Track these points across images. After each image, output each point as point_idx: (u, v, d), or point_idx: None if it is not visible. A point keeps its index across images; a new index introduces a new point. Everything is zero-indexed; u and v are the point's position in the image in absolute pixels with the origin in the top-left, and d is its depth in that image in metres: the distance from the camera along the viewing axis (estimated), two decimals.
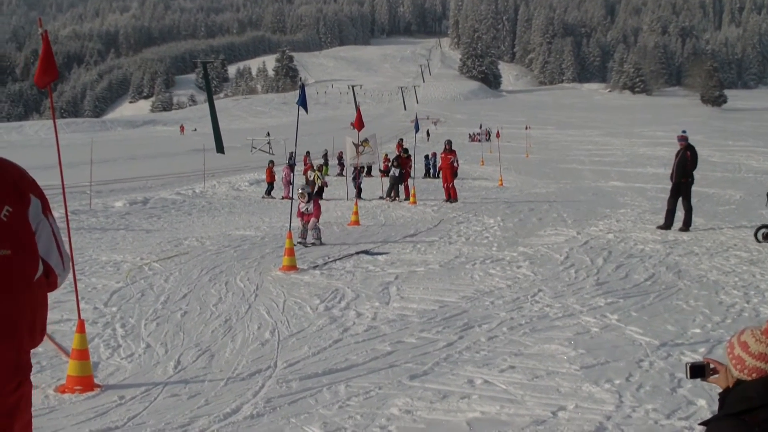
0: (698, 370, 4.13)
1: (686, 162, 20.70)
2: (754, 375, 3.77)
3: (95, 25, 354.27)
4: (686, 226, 20.31)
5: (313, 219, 19.05)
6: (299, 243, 18.39)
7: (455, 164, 30.72)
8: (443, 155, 31.59)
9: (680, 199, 20.66)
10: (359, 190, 32.35)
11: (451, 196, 29.85)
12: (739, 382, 3.88)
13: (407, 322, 10.92)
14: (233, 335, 10.36)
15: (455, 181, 30.63)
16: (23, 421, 3.37)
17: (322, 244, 18.87)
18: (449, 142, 32.50)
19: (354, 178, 32.55)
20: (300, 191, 19.57)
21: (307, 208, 19.24)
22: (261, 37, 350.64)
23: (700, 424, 4.12)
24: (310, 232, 19.00)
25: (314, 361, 9.16)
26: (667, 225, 20.48)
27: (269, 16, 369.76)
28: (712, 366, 4.16)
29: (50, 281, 3.50)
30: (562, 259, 15.92)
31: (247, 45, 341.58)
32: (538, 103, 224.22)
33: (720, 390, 4.11)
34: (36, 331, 3.40)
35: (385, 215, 25.70)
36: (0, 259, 3.20)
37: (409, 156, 32.99)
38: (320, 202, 22.84)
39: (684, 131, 22.25)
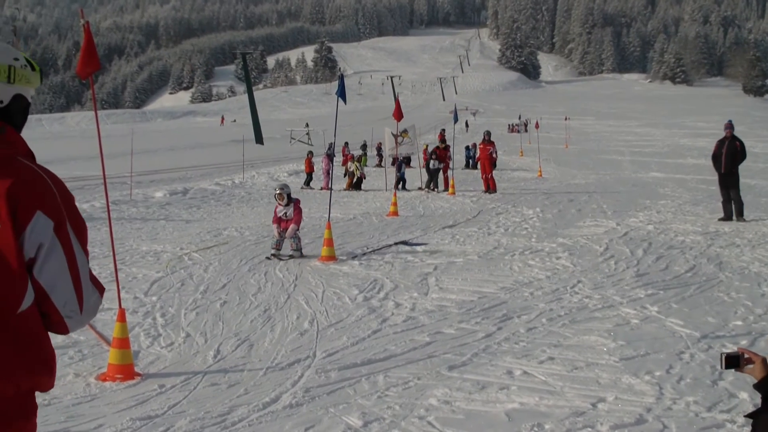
0: (733, 360, 4.09)
1: (736, 152, 20.42)
2: None
3: (135, 16, 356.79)
4: (739, 215, 20.06)
5: (293, 226, 15.55)
6: (272, 257, 15.39)
7: (494, 155, 30.69)
8: (482, 146, 31.56)
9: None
10: (403, 181, 32.38)
11: (490, 186, 29.80)
12: None
13: (446, 313, 10.91)
14: (272, 325, 10.39)
15: (494, 172, 30.56)
16: None
17: (302, 256, 15.55)
18: (488, 133, 32.47)
19: (398, 169, 32.62)
20: (277, 191, 16.12)
21: (285, 213, 15.85)
22: (300, 28, 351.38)
23: (746, 416, 4.07)
24: (288, 242, 15.66)
25: (353, 351, 9.17)
26: (728, 216, 20.22)
27: (308, 6, 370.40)
28: (746, 356, 4.12)
29: (52, 321, 3.05)
30: (601, 251, 15.83)
31: (286, 36, 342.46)
32: (577, 93, 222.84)
33: (755, 381, 4.07)
34: (32, 371, 2.97)
35: (423, 206, 25.69)
36: None
37: (448, 147, 32.92)
38: (357, 192, 22.56)
39: (730, 120, 21.99)
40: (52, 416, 7.01)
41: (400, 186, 31.71)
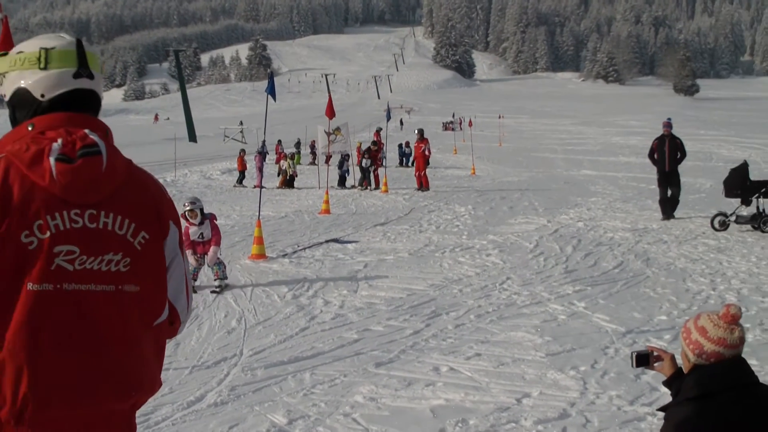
0: (643, 359, 4.15)
1: (677, 149, 20.66)
2: (712, 359, 3.79)
3: (66, 12, 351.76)
4: (672, 212, 20.33)
5: (213, 248, 12.36)
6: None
7: (426, 152, 30.79)
8: (416, 144, 31.68)
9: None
10: (343, 179, 32.43)
11: (423, 184, 29.87)
12: (695, 368, 3.89)
13: (375, 310, 10.90)
14: (200, 323, 10.29)
15: (427, 170, 30.66)
16: None
17: (226, 286, 12.37)
18: (421, 131, 32.57)
19: (339, 166, 32.67)
20: (187, 207, 12.34)
21: (201, 234, 12.49)
22: (234, 25, 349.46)
23: (658, 409, 4.13)
24: (213, 269, 12.46)
25: (280, 349, 9.12)
26: (667, 214, 20.42)
27: (242, 4, 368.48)
28: (656, 354, 4.18)
29: (173, 328, 3.04)
30: (531, 247, 15.95)
31: (220, 33, 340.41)
32: (511, 92, 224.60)
33: (664, 378, 4.13)
34: (144, 386, 2.90)
35: (356, 204, 25.68)
36: (124, 297, 2.76)
37: (381, 147, 32.96)
38: (290, 190, 22.27)
39: (669, 119, 22.23)
40: None
41: (339, 183, 31.82)
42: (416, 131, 33.16)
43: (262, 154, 31.76)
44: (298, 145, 48.67)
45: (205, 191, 30.27)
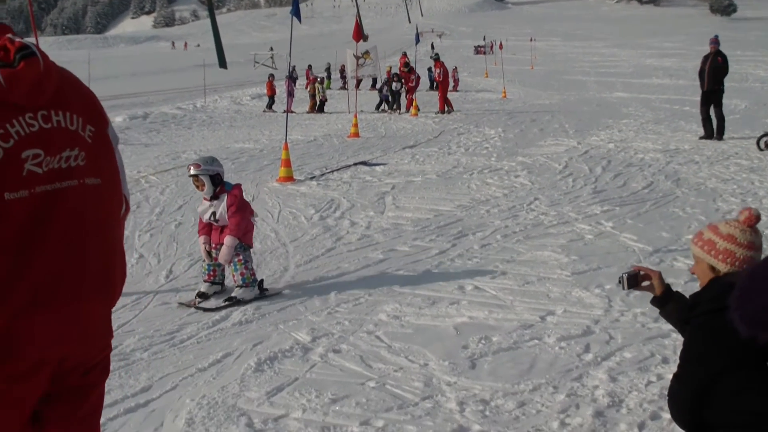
0: (633, 280, 4.11)
1: (718, 68, 20.21)
2: (745, 265, 3.76)
3: None
4: (720, 134, 19.97)
5: (228, 240, 8.18)
6: (193, 304, 8.05)
7: (436, 77, 31.26)
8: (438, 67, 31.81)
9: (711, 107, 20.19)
10: (386, 101, 32.26)
11: (440, 107, 29.99)
12: (716, 278, 3.86)
13: (401, 231, 10.90)
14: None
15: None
16: (102, 389, 3.08)
17: (263, 293, 8.27)
18: (436, 54, 32.82)
19: (380, 90, 32.56)
20: (192, 172, 8.38)
21: (213, 214, 8.39)
22: None
23: (683, 319, 4.07)
24: (229, 269, 8.40)
25: (306, 269, 9.16)
26: (708, 134, 20.07)
27: None
28: (642, 273, 4.15)
29: (125, 215, 3.10)
30: (560, 168, 15.84)
31: None
32: (543, 14, 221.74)
33: (652, 297, 4.11)
34: (123, 279, 3.03)
35: (385, 127, 25.60)
36: (86, 190, 2.79)
37: (412, 69, 32.73)
38: (320, 114, 21.91)
39: (716, 35, 21.68)
40: None
41: (384, 107, 31.72)
42: (431, 55, 33.18)
43: (291, 78, 31.64)
44: (328, 69, 48.41)
45: (235, 116, 30.27)
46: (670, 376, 3.95)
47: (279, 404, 5.54)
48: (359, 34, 25.40)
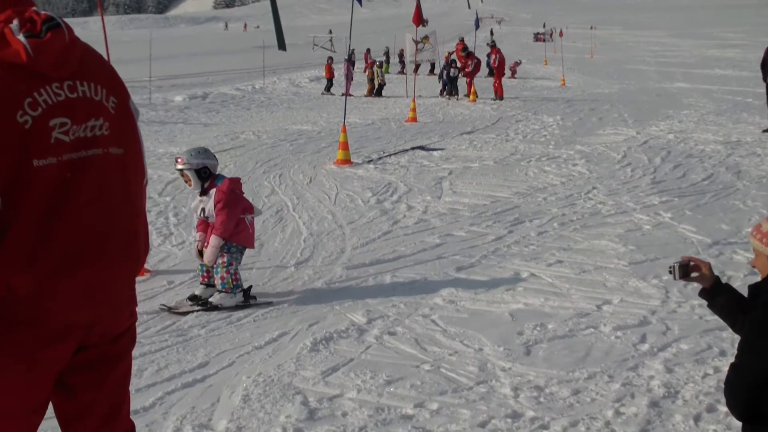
0: (684, 269, 4.07)
1: None
2: None
3: None
4: None
5: (212, 238, 7.43)
6: (171, 308, 7.35)
7: (493, 63, 31.34)
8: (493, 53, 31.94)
9: None
10: (448, 87, 32.15)
11: (500, 93, 29.93)
12: None
13: (458, 216, 10.90)
14: (283, 226, 10.43)
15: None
16: (130, 358, 3.18)
17: (248, 300, 7.49)
18: (493, 41, 32.86)
19: (440, 76, 32.56)
20: (178, 166, 7.70)
21: (204, 210, 7.66)
22: None
23: (747, 316, 4.01)
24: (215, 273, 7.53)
25: (362, 251, 9.20)
26: None
27: None
28: (693, 263, 4.11)
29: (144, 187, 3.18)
30: (619, 158, 15.71)
31: None
32: (604, 2, 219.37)
33: (700, 288, 4.07)
34: (147, 247, 3.12)
35: (443, 113, 25.57)
36: (111, 159, 2.87)
37: (470, 54, 32.63)
38: (377, 98, 21.89)
39: None
40: None
41: (446, 93, 31.65)
42: (488, 42, 33.13)
43: (350, 62, 31.70)
44: (386, 53, 48.37)
45: (293, 98, 30.40)
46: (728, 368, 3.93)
47: (334, 384, 5.58)
48: (419, 18, 25.32)
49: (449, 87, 31.72)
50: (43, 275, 2.65)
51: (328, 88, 33.59)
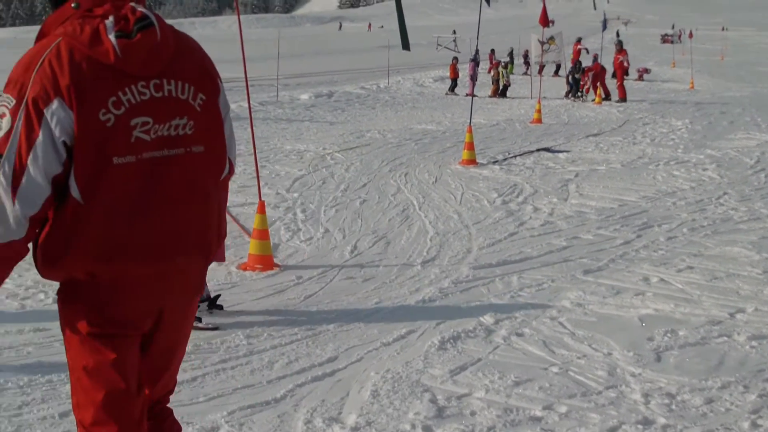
0: None
1: None
2: None
3: None
4: None
5: None
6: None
7: (625, 63, 30.65)
8: (615, 55, 31.45)
9: None
10: (575, 88, 31.80)
11: (620, 95, 29.44)
12: None
13: (584, 219, 10.79)
14: (409, 224, 10.48)
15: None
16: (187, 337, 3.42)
17: (212, 309, 6.97)
18: (620, 42, 32.31)
19: (567, 77, 32.33)
20: None
21: None
22: None
23: None
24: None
25: (488, 252, 9.18)
26: None
27: None
28: None
29: (227, 177, 3.29)
30: (752, 163, 15.32)
31: None
32: (737, 2, 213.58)
33: None
34: (221, 238, 3.24)
35: (568, 114, 25.34)
36: (192, 158, 2.97)
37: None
38: (502, 99, 21.89)
39: None
40: None
41: (571, 95, 31.34)
42: (614, 42, 32.60)
43: (475, 62, 31.64)
44: (510, 54, 48.08)
45: (418, 98, 30.48)
46: None
47: (462, 383, 5.60)
48: (545, 19, 25.14)
49: (574, 88, 31.39)
50: (122, 265, 2.83)
51: (452, 89, 33.59)
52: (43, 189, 2.70)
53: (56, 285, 3.02)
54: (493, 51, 42.77)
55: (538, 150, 16.95)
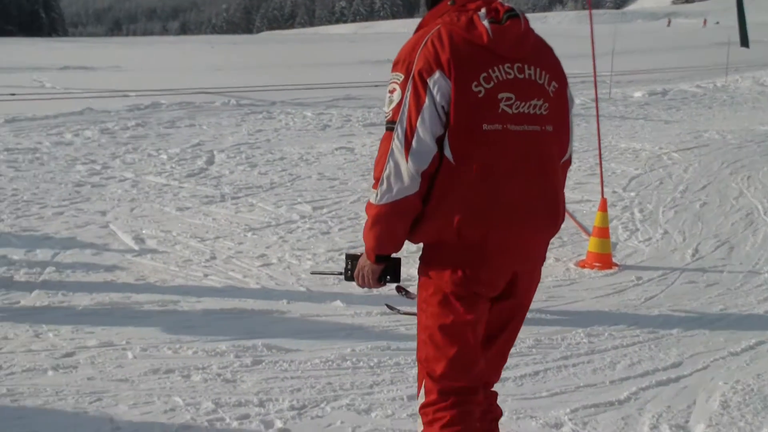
0: None
1: None
2: None
3: None
4: None
5: None
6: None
7: None
8: None
9: None
10: None
11: None
12: None
13: None
14: (754, 229, 10.01)
15: None
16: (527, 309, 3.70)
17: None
18: None
19: None
20: None
21: None
22: None
23: None
24: None
25: None
26: None
27: None
28: None
29: (567, 163, 3.60)
30: None
31: None
32: None
33: None
34: (564, 215, 3.54)
35: None
36: (546, 136, 3.35)
37: None
38: None
39: None
40: None
41: None
42: None
43: None
44: None
45: (758, 98, 28.98)
46: None
47: None
48: None
49: None
50: (489, 227, 3.22)
51: None
52: (430, 147, 3.16)
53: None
54: None
55: None
